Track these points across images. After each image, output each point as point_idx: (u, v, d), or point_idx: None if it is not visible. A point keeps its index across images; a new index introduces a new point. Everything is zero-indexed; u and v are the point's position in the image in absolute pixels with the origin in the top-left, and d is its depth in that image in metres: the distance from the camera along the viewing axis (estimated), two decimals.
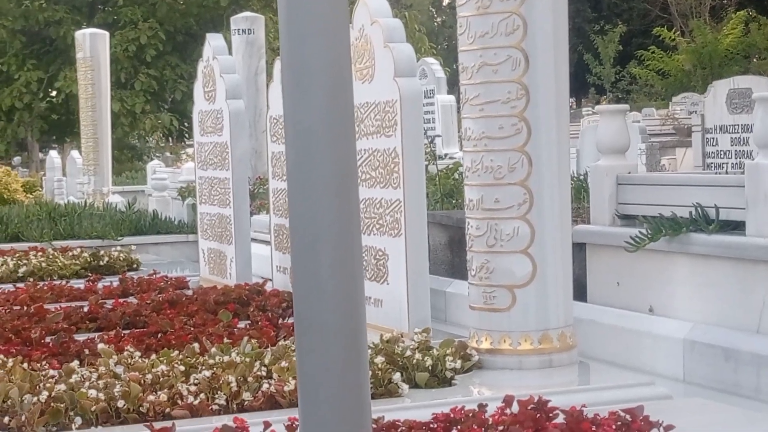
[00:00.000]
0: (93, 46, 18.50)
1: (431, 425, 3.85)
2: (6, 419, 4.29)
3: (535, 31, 5.23)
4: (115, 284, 8.55)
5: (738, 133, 9.59)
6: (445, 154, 10.79)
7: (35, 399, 4.35)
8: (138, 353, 5.29)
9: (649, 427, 3.72)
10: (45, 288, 8.36)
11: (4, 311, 6.97)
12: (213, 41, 8.81)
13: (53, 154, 21.52)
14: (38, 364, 5.11)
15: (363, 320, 2.15)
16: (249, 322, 6.42)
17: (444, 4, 46.65)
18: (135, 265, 10.01)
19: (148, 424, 3.94)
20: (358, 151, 6.51)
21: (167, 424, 3.90)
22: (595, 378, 5.25)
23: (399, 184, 6.04)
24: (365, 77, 6.34)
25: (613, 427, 3.73)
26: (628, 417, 3.77)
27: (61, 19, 29.29)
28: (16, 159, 32.00)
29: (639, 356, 5.69)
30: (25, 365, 5.01)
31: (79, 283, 8.73)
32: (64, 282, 8.82)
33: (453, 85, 13.37)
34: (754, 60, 30.17)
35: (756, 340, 5.12)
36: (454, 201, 8.21)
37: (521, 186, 5.23)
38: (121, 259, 10.07)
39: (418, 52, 20.53)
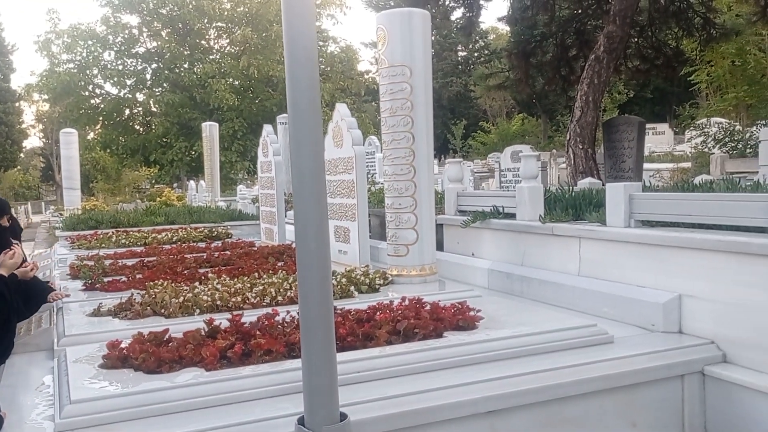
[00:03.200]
0: (211, 130, 18.53)
1: (367, 311, 3.87)
2: (162, 310, 4.33)
3: (417, 124, 5.25)
4: (219, 245, 8.51)
5: (515, 171, 9.85)
6: (377, 182, 10.87)
7: (176, 300, 4.41)
8: (228, 278, 5.28)
9: (469, 310, 3.81)
10: (185, 246, 8.35)
11: (165, 258, 6.95)
12: (266, 128, 8.75)
13: (192, 183, 21.49)
14: (179, 284, 5.10)
15: (328, 260, 2.33)
16: (283, 263, 6.32)
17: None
18: (229, 236, 9.88)
19: (230, 312, 4.03)
20: (336, 181, 6.51)
21: (240, 312, 3.89)
22: (447, 288, 5.24)
23: (355, 196, 6.03)
24: (339, 145, 6.32)
25: (452, 310, 3.81)
26: (459, 305, 3.88)
27: (196, 117, 29.10)
28: (175, 185, 31.86)
29: (467, 277, 5.71)
30: (173, 284, 4.99)
31: (201, 244, 8.71)
32: (194, 243, 8.83)
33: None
34: (526, 137, 31.13)
35: (521, 269, 5.19)
36: (382, 204, 7.89)
37: (411, 198, 5.31)
38: (223, 232, 9.98)
39: (368, 134, 20.72)
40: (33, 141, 53.92)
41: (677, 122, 28.97)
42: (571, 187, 5.97)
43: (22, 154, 47.89)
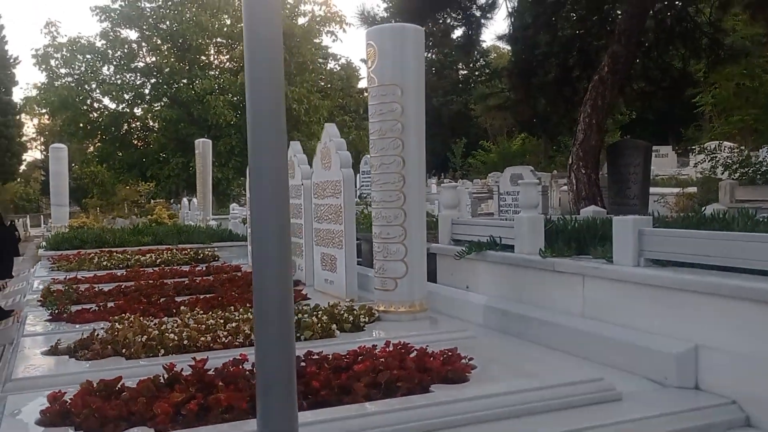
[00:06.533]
0: (203, 147, 18.18)
1: (346, 357, 3.53)
2: (124, 350, 4.01)
3: (408, 146, 4.92)
4: (204, 268, 8.16)
5: (515, 195, 9.50)
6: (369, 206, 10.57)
7: (140, 339, 4.08)
8: (201, 311, 4.93)
9: (460, 358, 3.51)
10: (167, 270, 8.00)
11: (144, 284, 6.58)
12: None
13: (185, 200, 20.88)
14: (149, 318, 4.77)
15: (290, 288, 1.92)
16: None
17: None
18: (216, 258, 9.54)
19: (198, 352, 3.81)
20: (323, 205, 6.26)
21: (205, 357, 3.42)
22: (439, 326, 4.90)
23: (342, 222, 5.78)
24: (326, 167, 6.07)
25: (441, 358, 3.49)
26: (449, 353, 3.56)
27: (194, 133, 28.75)
28: (172, 201, 31.42)
29: (462, 313, 5.33)
30: (141, 318, 4.65)
31: (185, 267, 8.41)
32: (178, 267, 8.50)
33: None
34: (527, 156, 30.74)
35: (519, 306, 4.85)
36: None
37: (400, 227, 4.97)
38: (209, 255, 9.63)
39: (366, 152, 20.32)
40: (35, 154, 53.97)
41: (682, 145, 28.62)
42: (573, 218, 5.60)
43: (23, 167, 47.86)
